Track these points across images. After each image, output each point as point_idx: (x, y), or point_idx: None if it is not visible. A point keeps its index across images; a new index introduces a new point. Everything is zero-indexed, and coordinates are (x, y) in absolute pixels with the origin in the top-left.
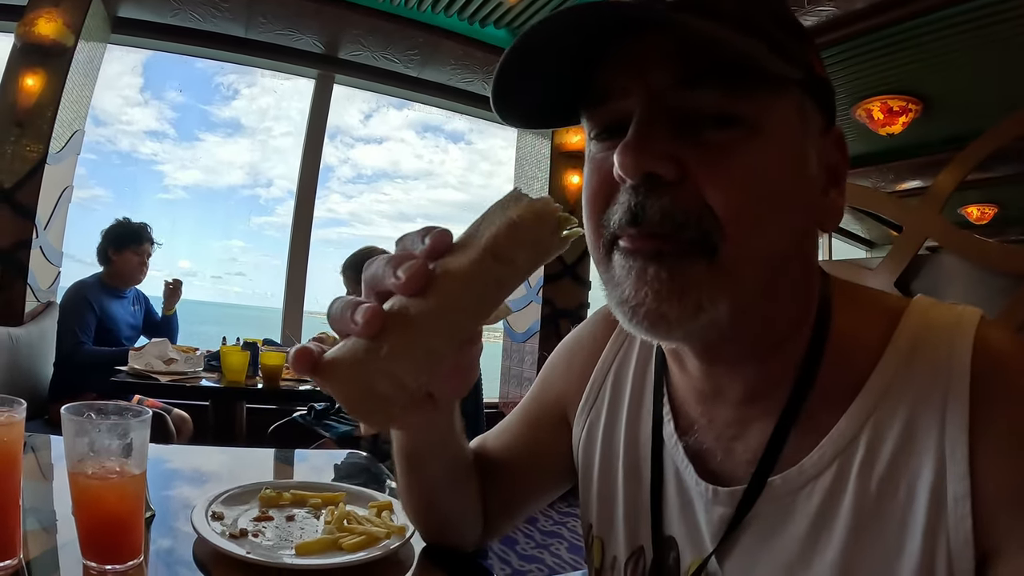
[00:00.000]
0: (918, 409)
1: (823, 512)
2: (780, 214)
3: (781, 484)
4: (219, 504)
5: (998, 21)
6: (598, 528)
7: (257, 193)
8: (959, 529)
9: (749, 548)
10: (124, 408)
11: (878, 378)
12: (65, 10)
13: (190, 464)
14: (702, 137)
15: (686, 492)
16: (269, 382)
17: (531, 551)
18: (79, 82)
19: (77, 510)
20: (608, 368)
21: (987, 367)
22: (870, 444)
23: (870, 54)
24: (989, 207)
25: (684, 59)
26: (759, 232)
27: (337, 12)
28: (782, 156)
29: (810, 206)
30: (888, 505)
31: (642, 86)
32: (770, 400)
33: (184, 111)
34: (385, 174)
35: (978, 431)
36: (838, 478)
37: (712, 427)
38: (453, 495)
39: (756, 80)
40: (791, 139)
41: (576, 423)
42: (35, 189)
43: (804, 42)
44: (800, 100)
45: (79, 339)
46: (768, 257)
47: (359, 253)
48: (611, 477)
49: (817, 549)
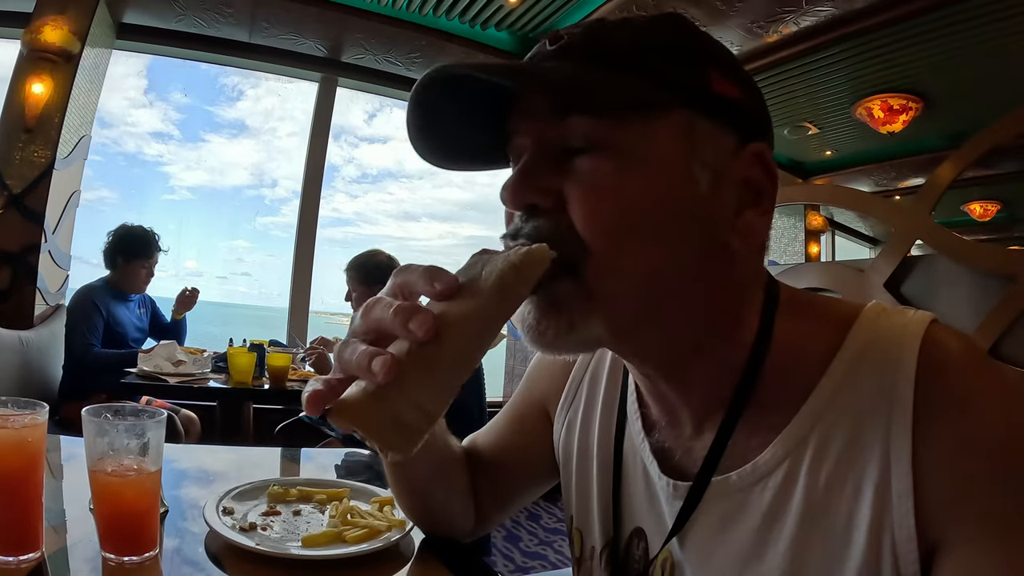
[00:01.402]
0: (865, 411)
1: (775, 507)
2: (647, 235)
3: (736, 480)
4: (230, 500)
5: (998, 19)
6: (577, 520)
7: (262, 193)
8: (903, 525)
9: (708, 539)
10: (141, 409)
11: (827, 382)
12: (71, 17)
13: (199, 463)
14: (573, 165)
15: (652, 486)
16: (275, 383)
17: (534, 548)
18: (85, 88)
19: (97, 505)
20: (584, 370)
21: (931, 372)
22: (819, 444)
23: (870, 53)
24: (992, 204)
25: (558, 97)
26: (622, 252)
27: (339, 16)
28: (650, 178)
29: (706, 226)
30: (836, 501)
31: (528, 123)
32: (718, 406)
33: (189, 112)
34: (390, 173)
35: (921, 432)
36: (789, 475)
37: (671, 428)
38: (440, 492)
39: (622, 108)
40: (665, 161)
41: (556, 421)
42: (43, 194)
43: (699, 66)
44: (688, 122)
45: (89, 341)
46: (640, 275)
47: (364, 255)
48: (587, 472)
49: (769, 541)
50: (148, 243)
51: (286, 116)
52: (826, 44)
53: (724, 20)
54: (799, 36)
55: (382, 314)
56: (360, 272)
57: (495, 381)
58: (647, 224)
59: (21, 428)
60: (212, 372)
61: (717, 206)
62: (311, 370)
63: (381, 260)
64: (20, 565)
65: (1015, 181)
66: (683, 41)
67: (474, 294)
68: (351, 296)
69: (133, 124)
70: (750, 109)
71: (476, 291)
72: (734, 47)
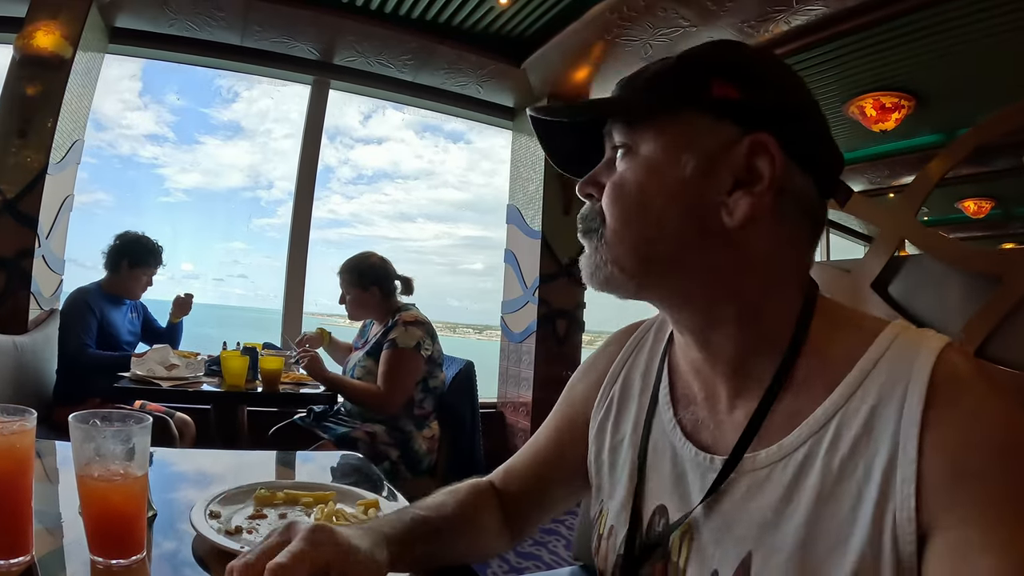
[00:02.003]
0: (881, 404)
1: (794, 483)
2: (637, 211)
3: (764, 458)
4: (216, 504)
5: (989, 16)
6: (606, 501)
7: (258, 195)
8: (904, 507)
9: (730, 510)
10: (127, 415)
11: (850, 379)
12: (63, 22)
13: (192, 467)
14: (612, 162)
15: (680, 464)
16: (268, 386)
17: (528, 548)
18: (78, 92)
19: (84, 509)
20: (618, 373)
21: (944, 378)
22: (837, 430)
23: (862, 51)
24: (986, 201)
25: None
26: (622, 225)
27: (331, 19)
28: (642, 168)
29: (693, 204)
30: (847, 481)
31: (608, 138)
32: (755, 387)
33: (184, 114)
34: (385, 174)
35: (928, 427)
36: (808, 456)
37: (708, 401)
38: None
39: (637, 116)
40: (656, 155)
41: (592, 420)
42: (37, 199)
43: (701, 77)
44: (688, 121)
45: (83, 341)
46: (634, 242)
47: (357, 257)
48: (617, 458)
49: (787, 514)
50: (154, 252)
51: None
52: (817, 43)
53: (715, 20)
54: (790, 35)
55: None
56: (353, 275)
57: (489, 383)
58: (636, 203)
59: (10, 435)
60: (205, 376)
61: (706, 188)
62: (304, 373)
63: (374, 262)
64: (11, 569)
65: (1008, 178)
66: (691, 60)
67: None
68: (345, 299)
69: (128, 127)
70: (754, 105)
71: None
72: None
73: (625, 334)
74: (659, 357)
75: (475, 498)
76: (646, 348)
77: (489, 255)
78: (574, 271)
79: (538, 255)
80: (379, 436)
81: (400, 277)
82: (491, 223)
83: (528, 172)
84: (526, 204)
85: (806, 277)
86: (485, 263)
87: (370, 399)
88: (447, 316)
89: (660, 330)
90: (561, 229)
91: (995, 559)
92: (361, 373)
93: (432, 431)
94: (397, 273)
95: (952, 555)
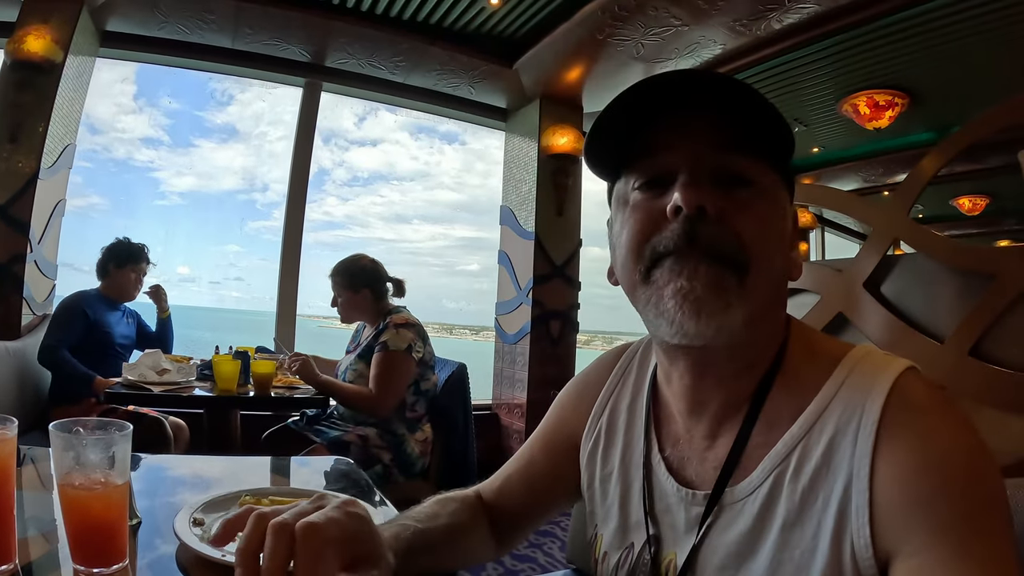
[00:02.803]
0: (838, 435)
1: (762, 514)
2: (779, 254)
3: (738, 490)
4: (200, 511)
5: (982, 12)
6: (600, 527)
7: (253, 198)
8: (860, 534)
9: (711, 541)
10: (108, 423)
11: (811, 409)
12: (53, 26)
13: (186, 472)
14: (732, 191)
15: (665, 498)
16: (260, 389)
17: (524, 550)
18: (69, 96)
19: (66, 518)
20: (605, 403)
21: (897, 406)
22: (799, 462)
23: (855, 49)
24: (981, 198)
25: (721, 129)
26: (771, 264)
27: (322, 21)
28: (777, 214)
29: (787, 255)
30: (808, 512)
31: (688, 145)
32: (734, 419)
33: (179, 118)
34: (381, 176)
35: (880, 455)
36: (773, 488)
37: (692, 440)
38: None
39: (765, 154)
40: (782, 203)
41: (582, 447)
42: (28, 203)
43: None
44: (782, 176)
45: (58, 339)
46: (772, 284)
47: (348, 259)
48: (607, 489)
49: (758, 544)
50: (135, 251)
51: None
52: (810, 41)
53: (707, 19)
54: (783, 34)
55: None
56: (344, 277)
57: (484, 384)
58: (779, 247)
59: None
60: (197, 380)
61: (789, 241)
62: (296, 377)
63: (365, 264)
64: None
65: (1003, 175)
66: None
67: None
68: (337, 301)
69: (123, 130)
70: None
71: None
72: (717, 46)
73: (614, 357)
74: (644, 391)
75: (466, 511)
76: (631, 379)
77: (484, 256)
78: (567, 272)
79: (531, 256)
80: (371, 439)
81: (392, 279)
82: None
83: (521, 173)
84: (519, 205)
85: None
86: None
87: (362, 402)
88: (443, 318)
89: (644, 360)
90: (554, 230)
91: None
92: (352, 376)
93: (425, 434)
94: (389, 275)
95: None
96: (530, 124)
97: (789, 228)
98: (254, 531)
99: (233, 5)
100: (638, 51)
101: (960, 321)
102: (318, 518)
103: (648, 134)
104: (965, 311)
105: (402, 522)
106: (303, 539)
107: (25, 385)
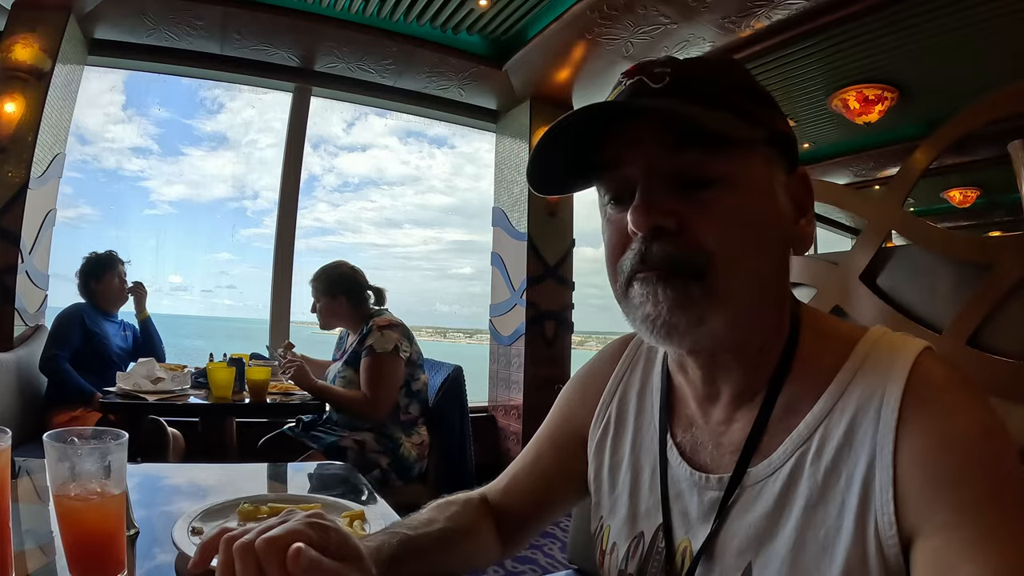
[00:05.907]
0: (860, 413)
1: (783, 495)
2: (757, 247)
3: (756, 473)
4: (198, 520)
5: (971, 5)
6: (606, 518)
7: (244, 205)
8: (883, 512)
9: (729, 525)
10: (102, 432)
11: (832, 389)
12: (41, 35)
13: (183, 480)
14: (694, 195)
15: (678, 484)
16: (255, 396)
17: (524, 551)
18: (58, 105)
19: (63, 530)
20: (614, 392)
21: (918, 384)
22: (821, 441)
23: (843, 44)
24: (972, 190)
25: (670, 132)
26: (740, 263)
27: (311, 25)
28: (753, 203)
29: (783, 235)
30: (831, 491)
31: (640, 155)
32: (751, 403)
33: (168, 126)
34: (371, 181)
35: (903, 433)
36: (795, 468)
37: (707, 425)
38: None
39: (727, 143)
40: (760, 187)
41: (590, 438)
42: (19, 214)
43: (769, 106)
44: (767, 153)
45: (57, 351)
46: (751, 281)
47: (328, 266)
48: (616, 478)
49: (779, 525)
50: (108, 259)
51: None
52: (799, 37)
53: (695, 16)
54: (772, 30)
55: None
56: (323, 283)
57: (480, 386)
58: (757, 239)
59: None
60: (192, 388)
61: (787, 219)
62: (291, 383)
63: (344, 271)
64: None
65: (993, 167)
66: (753, 84)
67: None
68: (315, 307)
69: (112, 140)
70: (794, 140)
71: None
72: (706, 43)
73: (620, 347)
74: (654, 376)
75: (468, 514)
76: (640, 366)
77: (477, 259)
78: (561, 272)
79: (524, 257)
80: (368, 444)
81: (373, 288)
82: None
83: (512, 174)
84: (511, 206)
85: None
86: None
87: (357, 406)
88: (437, 321)
89: (653, 347)
90: (547, 230)
91: (975, 565)
92: (342, 384)
93: (421, 437)
94: (369, 284)
95: (936, 562)
96: (521, 125)
97: (782, 203)
98: (225, 556)
99: (221, 11)
100: (627, 50)
101: (957, 311)
102: (278, 531)
103: (609, 145)
104: (962, 301)
105: (392, 530)
106: (263, 555)
107: (19, 396)
